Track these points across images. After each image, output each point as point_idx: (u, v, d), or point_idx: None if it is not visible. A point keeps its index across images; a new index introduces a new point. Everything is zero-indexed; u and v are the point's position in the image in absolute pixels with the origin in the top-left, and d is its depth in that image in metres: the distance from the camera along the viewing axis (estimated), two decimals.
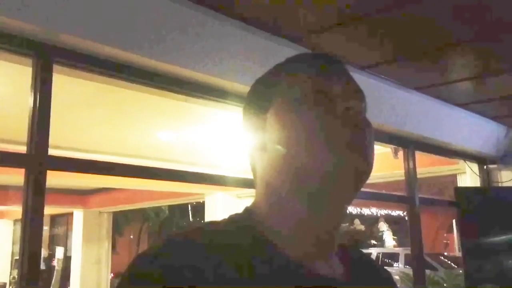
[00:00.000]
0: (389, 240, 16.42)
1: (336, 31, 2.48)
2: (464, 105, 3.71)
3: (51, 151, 1.89)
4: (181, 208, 15.48)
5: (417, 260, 3.59)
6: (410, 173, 3.60)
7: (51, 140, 1.87)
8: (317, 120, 0.62)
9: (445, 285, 6.53)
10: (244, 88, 2.24)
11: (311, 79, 0.65)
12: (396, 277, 8.90)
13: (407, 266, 9.94)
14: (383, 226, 16.81)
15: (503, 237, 3.81)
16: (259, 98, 0.69)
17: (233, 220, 0.66)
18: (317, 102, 0.63)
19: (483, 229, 3.81)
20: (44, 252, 12.17)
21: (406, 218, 4.34)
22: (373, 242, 16.38)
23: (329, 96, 0.64)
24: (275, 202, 0.65)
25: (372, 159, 0.63)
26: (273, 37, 2.46)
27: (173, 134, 4.51)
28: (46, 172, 1.83)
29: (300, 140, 0.62)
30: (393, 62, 2.89)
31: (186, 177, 2.63)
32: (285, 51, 2.54)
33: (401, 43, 2.66)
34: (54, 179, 6.96)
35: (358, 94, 0.66)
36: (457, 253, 11.64)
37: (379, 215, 16.21)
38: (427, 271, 7.35)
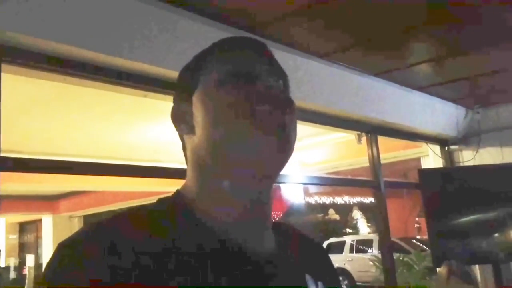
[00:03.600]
0: (364, 227, 16.69)
1: (293, 20, 2.49)
2: (423, 89, 3.79)
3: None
4: None
5: (384, 243, 3.65)
6: (374, 158, 3.65)
7: (11, 145, 1.82)
8: (238, 100, 0.63)
9: (415, 266, 6.68)
10: None
11: (232, 60, 0.66)
12: (370, 263, 9.07)
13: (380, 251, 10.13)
14: (357, 214, 17.08)
15: (468, 216, 3.91)
16: (185, 83, 0.70)
17: (162, 201, 0.67)
18: (238, 82, 0.64)
19: (448, 209, 3.90)
20: (14, 261, 11.90)
21: None
22: (348, 230, 16.61)
23: (250, 76, 0.65)
24: (203, 181, 0.67)
25: (293, 136, 0.65)
26: (231, 28, 2.45)
27: (137, 132, 4.45)
28: None
29: (223, 120, 0.63)
30: (351, 48, 2.92)
31: (150, 173, 2.60)
32: None
33: (358, 29, 2.68)
34: (20, 185, 6.81)
35: (278, 72, 0.68)
36: None
37: (351, 203, 16.44)
38: (398, 254, 7.52)
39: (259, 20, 2.48)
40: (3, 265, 11.07)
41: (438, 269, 2.86)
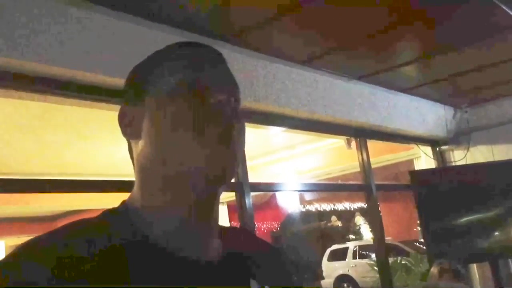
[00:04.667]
0: (367, 232, 16.57)
1: (270, 28, 2.49)
2: (409, 90, 3.80)
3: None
4: None
5: (379, 246, 3.64)
6: (364, 162, 3.66)
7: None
8: (187, 112, 0.63)
9: (413, 268, 6.63)
10: None
11: (185, 69, 0.65)
12: (368, 268, 9.01)
13: None
14: (359, 220, 16.95)
15: (462, 215, 3.90)
16: (135, 85, 0.69)
17: (106, 213, 0.66)
18: (188, 94, 0.64)
19: (441, 209, 3.89)
20: None
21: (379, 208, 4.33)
22: (352, 236, 16.51)
23: (201, 87, 0.64)
24: (146, 190, 0.66)
25: (239, 151, 0.65)
26: (206, 39, 2.47)
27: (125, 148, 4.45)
28: None
29: (170, 130, 0.63)
30: (332, 53, 2.92)
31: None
32: (222, 52, 2.51)
33: (338, 33, 2.68)
34: (17, 207, 6.80)
35: (228, 85, 0.67)
36: None
37: (353, 209, 16.36)
38: (396, 258, 7.46)
39: (238, 29, 2.49)
40: None
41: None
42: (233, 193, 2.87)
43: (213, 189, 0.65)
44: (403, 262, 6.97)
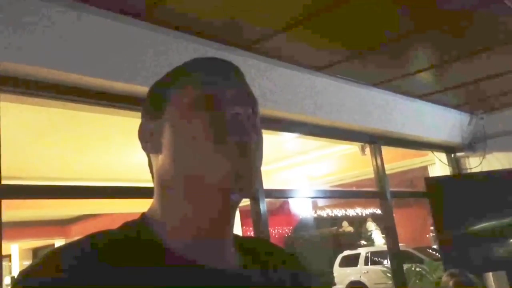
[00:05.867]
0: (379, 238, 16.48)
1: (288, 34, 2.49)
2: (424, 96, 3.78)
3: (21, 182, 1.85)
4: None
5: (393, 253, 3.61)
6: (379, 168, 3.64)
7: (14, 172, 1.85)
8: (206, 126, 0.64)
9: (428, 276, 6.57)
10: None
11: (203, 84, 0.67)
12: (381, 274, 8.96)
13: None
14: (371, 226, 16.86)
15: (478, 223, 3.86)
16: (155, 100, 0.71)
17: (127, 225, 0.67)
18: (207, 107, 0.65)
19: (457, 216, 3.86)
20: None
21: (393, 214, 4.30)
22: (363, 242, 16.42)
23: (220, 101, 0.66)
24: (166, 202, 0.67)
25: (257, 164, 0.66)
26: (223, 46, 2.48)
27: (140, 154, 4.48)
28: (0, 202, 1.80)
29: (190, 144, 0.64)
30: (347, 60, 2.92)
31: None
32: (238, 60, 2.54)
33: (353, 40, 2.68)
34: (31, 211, 6.87)
35: (247, 99, 0.68)
36: None
37: (364, 215, 16.29)
38: (410, 265, 7.41)
39: (250, 38, 2.49)
40: None
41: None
42: (246, 199, 2.87)
43: (233, 200, 0.66)
44: (417, 269, 6.90)
